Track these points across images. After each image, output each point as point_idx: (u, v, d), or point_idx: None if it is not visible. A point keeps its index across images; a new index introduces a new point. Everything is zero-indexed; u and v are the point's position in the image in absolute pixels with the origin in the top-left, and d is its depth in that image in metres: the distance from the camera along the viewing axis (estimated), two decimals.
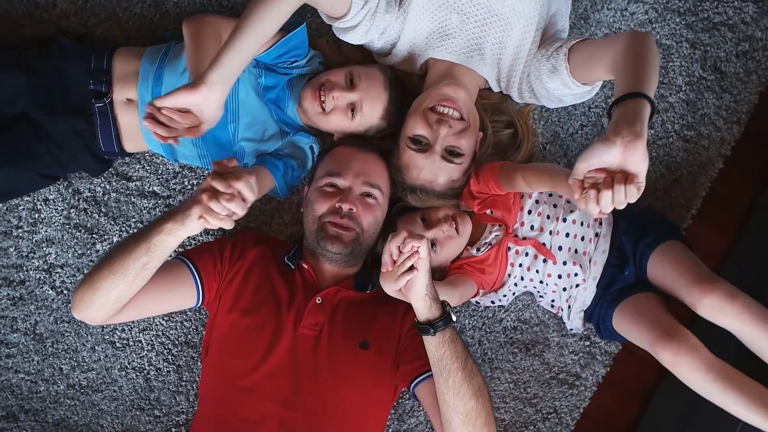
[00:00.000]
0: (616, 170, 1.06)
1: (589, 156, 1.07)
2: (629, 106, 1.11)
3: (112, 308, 1.33)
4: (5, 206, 1.68)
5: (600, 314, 1.62)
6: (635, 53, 1.24)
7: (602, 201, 1.06)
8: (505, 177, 1.54)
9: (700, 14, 1.75)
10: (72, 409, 1.72)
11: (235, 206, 1.15)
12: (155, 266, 1.29)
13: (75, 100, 1.54)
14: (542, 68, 1.50)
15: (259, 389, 1.44)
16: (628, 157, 1.05)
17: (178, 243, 1.26)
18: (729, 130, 1.76)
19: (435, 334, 1.29)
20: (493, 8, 1.50)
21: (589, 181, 1.08)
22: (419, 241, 1.21)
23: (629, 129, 1.05)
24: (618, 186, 1.05)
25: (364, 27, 1.52)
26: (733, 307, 1.42)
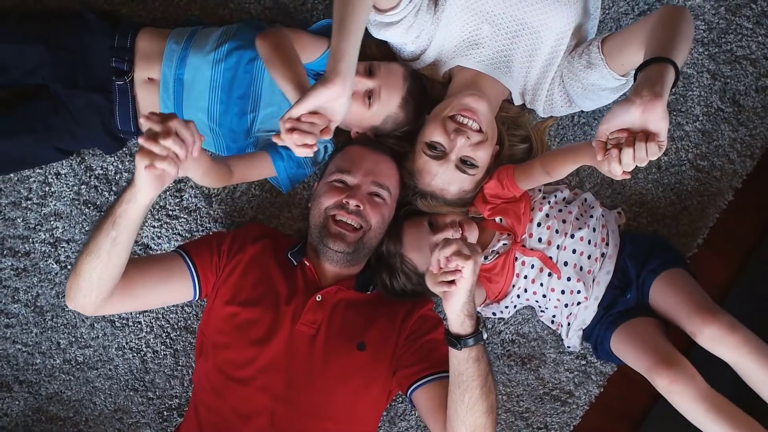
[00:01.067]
0: (638, 130, 1.09)
1: (611, 117, 1.10)
2: (652, 70, 1.13)
3: (97, 293, 1.31)
4: (17, 176, 1.68)
5: (599, 334, 1.63)
6: (667, 22, 1.25)
7: (624, 158, 1.09)
8: (522, 172, 1.55)
9: (723, 46, 1.76)
10: (66, 384, 1.72)
11: (173, 144, 1.08)
12: (125, 240, 1.24)
13: (96, 76, 1.55)
14: (577, 66, 1.50)
15: (253, 382, 1.45)
16: (648, 116, 1.08)
17: (141, 211, 1.19)
18: (742, 164, 1.77)
19: (461, 350, 1.26)
20: (525, 22, 1.51)
21: (611, 141, 1.12)
22: (465, 261, 1.17)
23: (649, 90, 1.08)
24: (639, 144, 1.08)
25: (405, 24, 1.52)
26: (733, 340, 1.43)
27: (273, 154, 1.60)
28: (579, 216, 1.63)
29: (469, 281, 1.19)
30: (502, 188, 1.58)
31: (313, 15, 1.72)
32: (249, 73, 1.56)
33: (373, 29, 1.58)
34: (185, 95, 1.56)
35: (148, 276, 1.41)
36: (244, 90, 1.56)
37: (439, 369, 1.46)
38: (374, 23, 1.55)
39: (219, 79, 1.55)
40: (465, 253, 1.18)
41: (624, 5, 1.75)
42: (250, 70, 1.56)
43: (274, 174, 1.61)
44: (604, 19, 1.74)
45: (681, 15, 1.27)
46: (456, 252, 1.18)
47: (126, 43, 1.55)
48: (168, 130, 1.08)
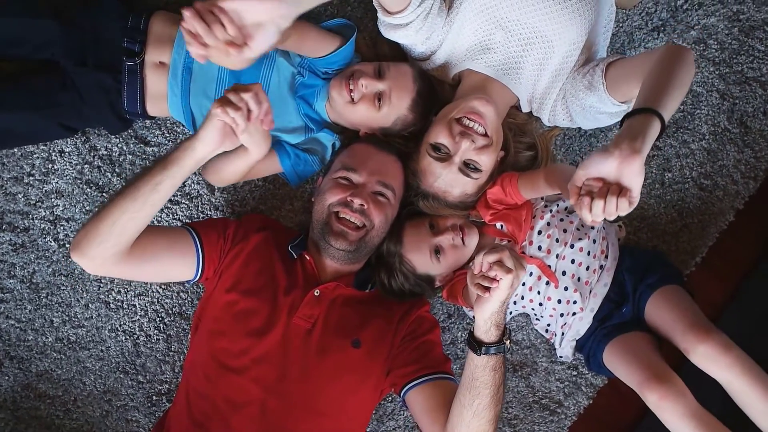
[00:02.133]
0: (613, 182, 1.09)
1: (588, 164, 1.10)
2: (637, 121, 1.12)
3: (114, 243, 1.31)
4: (20, 152, 1.68)
5: (592, 346, 1.63)
6: (665, 66, 1.24)
7: (594, 209, 1.09)
8: (526, 182, 1.55)
9: (734, 66, 1.76)
10: (57, 362, 1.72)
11: (250, 99, 1.24)
12: (166, 190, 1.29)
13: (106, 55, 1.54)
14: (578, 85, 1.51)
15: (247, 372, 1.45)
16: (624, 171, 1.07)
17: (194, 162, 1.28)
18: (745, 185, 1.78)
19: (480, 356, 1.26)
20: (539, 30, 1.51)
21: (586, 188, 1.11)
22: (506, 273, 1.16)
23: (629, 144, 1.07)
24: (611, 198, 1.07)
25: (415, 26, 1.52)
26: (727, 359, 1.44)
27: (279, 151, 1.60)
28: (580, 226, 1.63)
29: (504, 293, 1.19)
30: (504, 195, 1.58)
31: (326, 10, 1.72)
32: (258, 67, 1.55)
33: (383, 30, 1.58)
34: (193, 84, 1.56)
35: (156, 244, 1.41)
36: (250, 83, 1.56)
37: (434, 370, 1.46)
38: (384, 24, 1.55)
39: (227, 71, 1.55)
40: (507, 266, 1.17)
41: (638, 19, 1.75)
42: (258, 65, 1.55)
43: (280, 170, 1.61)
44: (617, 32, 1.75)
45: (682, 58, 1.25)
46: (498, 261, 1.18)
47: (139, 24, 1.55)
48: (250, 89, 1.24)
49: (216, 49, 1.12)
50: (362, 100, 1.54)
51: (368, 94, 1.54)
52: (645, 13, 1.75)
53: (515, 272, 1.17)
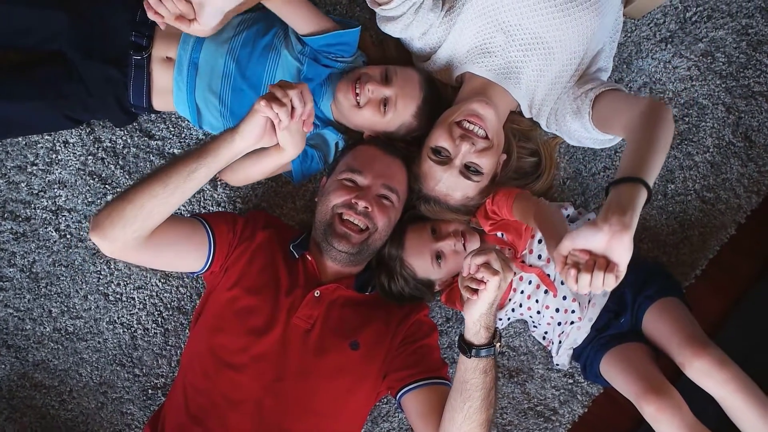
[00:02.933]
0: (600, 255, 1.08)
1: (576, 237, 1.09)
2: (625, 191, 1.11)
3: (138, 227, 1.30)
4: (24, 141, 1.68)
5: (589, 356, 1.63)
6: (648, 129, 1.23)
7: (580, 282, 1.09)
8: (519, 207, 1.54)
9: (741, 80, 1.76)
10: (54, 352, 1.72)
11: (295, 96, 1.26)
12: (199, 179, 1.30)
13: (114, 48, 1.54)
14: (567, 107, 1.52)
15: (245, 370, 1.45)
16: (612, 246, 1.06)
17: (231, 155, 1.30)
18: (747, 199, 1.78)
19: (470, 358, 1.27)
20: (540, 36, 1.50)
21: (572, 258, 1.10)
22: (492, 275, 1.18)
23: (619, 219, 1.06)
24: (598, 273, 1.07)
25: (405, 20, 1.52)
26: (722, 375, 1.44)
27: None
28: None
29: (491, 294, 1.20)
30: (501, 211, 1.58)
31: (335, 10, 1.72)
32: (262, 64, 1.55)
33: (379, 21, 1.59)
34: (198, 79, 1.56)
35: (175, 233, 1.41)
36: (256, 79, 1.56)
37: (431, 375, 1.47)
38: (377, 16, 1.57)
39: (232, 66, 1.55)
40: (494, 268, 1.18)
41: (646, 30, 1.75)
42: (263, 62, 1.55)
43: (288, 168, 1.61)
44: (624, 42, 1.75)
45: (664, 119, 1.25)
46: (485, 264, 1.19)
47: (147, 18, 1.55)
48: (296, 87, 1.27)
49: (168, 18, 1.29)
50: (368, 105, 1.54)
51: (374, 99, 1.54)
52: (653, 24, 1.75)
53: (502, 274, 1.19)
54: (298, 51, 1.59)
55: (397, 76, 1.55)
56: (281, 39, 1.59)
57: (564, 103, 1.54)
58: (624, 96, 1.44)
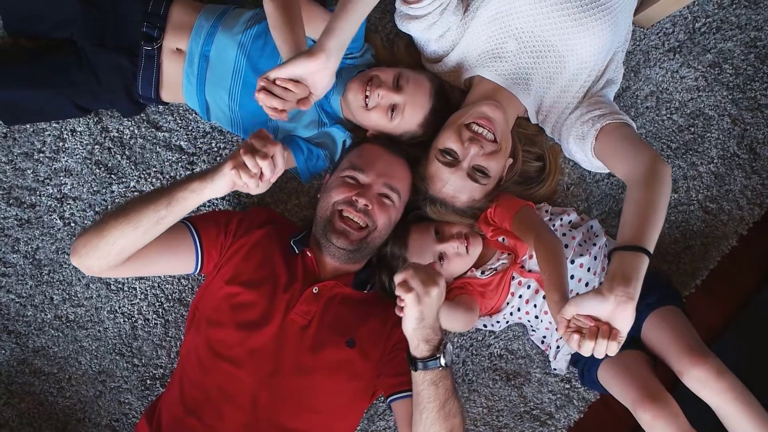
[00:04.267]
0: (603, 321, 1.13)
1: (581, 303, 1.14)
2: (628, 261, 1.16)
3: (112, 260, 1.35)
4: (32, 128, 1.69)
5: (587, 362, 1.64)
6: (650, 194, 1.27)
7: (583, 347, 1.14)
8: (519, 225, 1.55)
9: (747, 93, 1.77)
10: (54, 339, 1.73)
11: (266, 166, 1.21)
12: (169, 223, 1.32)
13: (125, 38, 1.55)
14: (573, 130, 1.54)
15: (241, 363, 1.45)
16: (616, 315, 1.12)
17: (199, 202, 1.30)
18: (750, 211, 1.78)
19: (417, 371, 1.31)
20: (552, 44, 1.51)
21: (575, 323, 1.15)
22: (406, 293, 1.21)
23: (624, 289, 1.12)
24: (602, 341, 1.12)
25: (430, 20, 1.53)
26: (720, 385, 1.44)
27: (293, 147, 1.61)
28: (582, 242, 1.64)
29: (413, 311, 1.23)
30: (501, 223, 1.59)
31: None
32: (274, 59, 1.55)
33: (398, 20, 1.59)
34: (209, 72, 1.56)
35: (154, 248, 1.40)
36: None
37: None
38: (399, 14, 1.57)
39: (243, 61, 1.55)
40: (409, 286, 1.21)
41: (655, 39, 1.76)
42: (275, 57, 1.55)
43: (292, 165, 1.62)
44: (633, 50, 1.75)
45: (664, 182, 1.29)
46: (401, 283, 1.22)
47: (160, 9, 1.56)
48: (267, 153, 1.21)
49: (291, 107, 1.24)
50: (376, 108, 1.55)
51: (383, 104, 1.54)
52: (662, 33, 1.76)
53: (423, 289, 1.21)
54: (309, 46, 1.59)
55: (408, 83, 1.55)
56: None
57: (569, 126, 1.55)
58: (630, 138, 1.45)
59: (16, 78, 1.53)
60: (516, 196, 1.64)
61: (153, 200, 1.30)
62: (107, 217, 1.33)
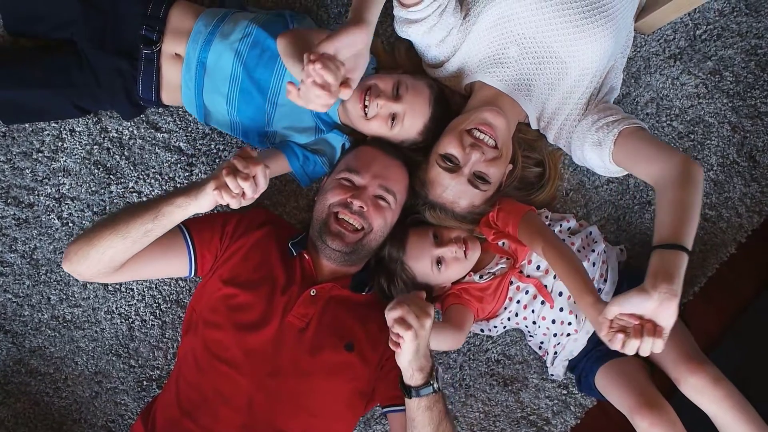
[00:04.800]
0: (646, 319, 1.15)
1: (625, 302, 1.15)
2: (670, 259, 1.18)
3: (103, 267, 1.38)
4: (31, 127, 1.68)
5: (584, 368, 1.63)
6: (685, 193, 1.28)
7: (628, 347, 1.16)
8: (526, 230, 1.55)
9: (748, 100, 1.77)
10: (51, 340, 1.72)
11: (247, 186, 1.23)
12: (156, 235, 1.35)
13: (124, 41, 1.54)
14: (588, 137, 1.53)
15: (238, 365, 1.45)
16: (661, 312, 1.14)
17: (185, 217, 1.33)
18: (749, 219, 1.78)
19: (412, 398, 1.33)
20: (554, 50, 1.51)
21: (618, 323, 1.17)
22: (406, 330, 1.23)
23: (668, 286, 1.14)
24: (647, 339, 1.14)
25: (429, 22, 1.53)
26: (716, 393, 1.44)
27: (288, 152, 1.61)
28: (581, 248, 1.63)
29: (411, 346, 1.26)
30: (504, 227, 1.59)
31: (346, 12, 1.72)
32: (270, 67, 1.55)
33: (398, 27, 1.58)
34: (206, 79, 1.56)
35: (145, 251, 1.40)
36: (263, 83, 1.56)
37: None
38: (399, 20, 1.56)
39: (240, 68, 1.54)
40: (408, 322, 1.23)
41: (656, 46, 1.76)
42: (271, 65, 1.54)
43: (288, 170, 1.62)
44: (633, 57, 1.75)
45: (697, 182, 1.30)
46: (398, 320, 1.24)
47: (159, 13, 1.55)
48: (249, 174, 1.22)
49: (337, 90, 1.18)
50: (375, 118, 1.54)
51: (383, 114, 1.54)
52: (663, 40, 1.76)
53: (419, 323, 1.23)
54: None
55: (407, 91, 1.54)
56: None
57: (583, 132, 1.55)
58: (650, 140, 1.45)
59: (16, 78, 1.53)
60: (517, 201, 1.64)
61: (140, 213, 1.32)
62: (97, 226, 1.36)
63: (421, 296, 1.31)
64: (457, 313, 1.59)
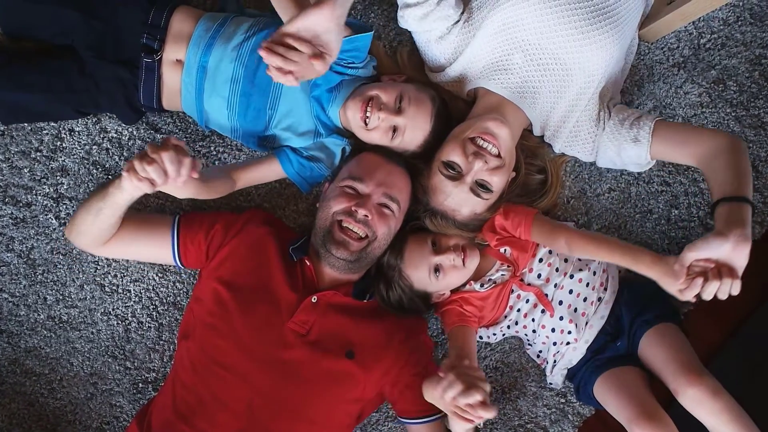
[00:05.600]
0: (721, 263, 1.21)
1: (703, 247, 1.21)
2: (737, 209, 1.26)
3: (89, 239, 1.52)
4: (30, 126, 1.67)
5: (583, 377, 1.63)
6: (738, 157, 1.37)
7: (708, 289, 1.21)
8: (541, 229, 1.55)
9: (751, 110, 1.76)
10: (47, 340, 1.71)
11: (152, 170, 1.24)
12: (109, 216, 1.44)
13: (125, 49, 1.53)
14: (623, 136, 1.53)
15: (237, 370, 1.44)
16: (735, 255, 1.21)
17: (127, 199, 1.39)
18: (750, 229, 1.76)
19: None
20: (559, 58, 1.50)
21: (696, 269, 1.23)
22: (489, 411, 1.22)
23: (741, 231, 1.21)
24: (727, 280, 1.20)
25: (426, 8, 1.53)
26: (715, 405, 1.43)
27: (282, 158, 1.60)
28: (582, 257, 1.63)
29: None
30: (514, 230, 1.58)
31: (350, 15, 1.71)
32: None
33: (400, 18, 1.59)
34: (206, 83, 1.55)
35: (134, 232, 1.55)
36: (264, 86, 1.55)
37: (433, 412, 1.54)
38: (399, 4, 1.56)
39: (241, 72, 1.53)
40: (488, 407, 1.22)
41: (660, 54, 1.75)
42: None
43: (283, 176, 1.61)
44: (637, 64, 1.74)
45: (744, 150, 1.38)
46: (481, 404, 1.21)
47: (160, 21, 1.53)
48: (153, 159, 1.23)
49: (301, 70, 1.19)
50: (376, 129, 1.53)
51: (383, 127, 1.53)
52: (667, 48, 1.75)
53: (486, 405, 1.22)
54: None
55: (410, 104, 1.52)
56: None
57: (615, 132, 1.55)
58: (685, 126, 1.59)
59: (18, 80, 1.51)
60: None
61: (97, 192, 1.46)
62: (83, 202, 1.52)
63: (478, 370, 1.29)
64: (464, 340, 1.54)
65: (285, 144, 1.62)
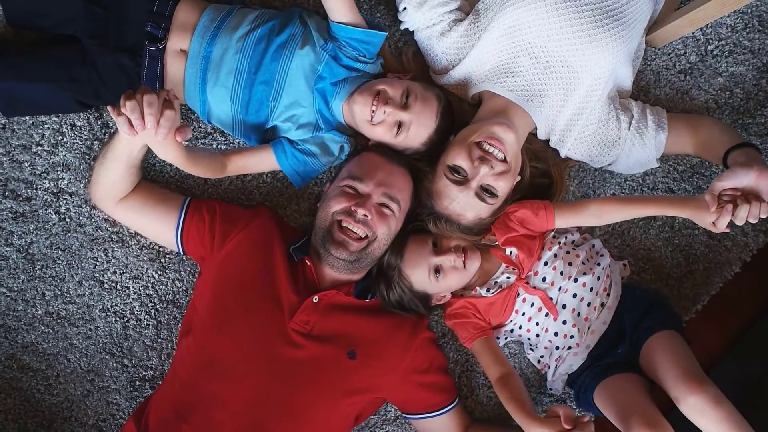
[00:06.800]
0: (747, 190, 1.30)
1: (731, 176, 1.31)
2: (750, 150, 1.41)
3: (102, 191, 1.56)
4: (31, 120, 1.66)
5: (583, 383, 1.62)
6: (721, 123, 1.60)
7: (740, 213, 1.28)
8: (563, 209, 1.57)
9: (757, 118, 1.75)
10: (44, 336, 1.70)
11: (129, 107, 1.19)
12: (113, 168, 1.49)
13: (128, 38, 1.52)
14: (650, 124, 1.60)
15: (237, 369, 1.43)
16: (761, 180, 1.29)
17: (123, 148, 1.42)
18: (755, 238, 1.76)
19: None
20: (566, 60, 1.49)
21: (726, 197, 1.31)
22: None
23: (760, 163, 1.33)
24: (756, 203, 1.27)
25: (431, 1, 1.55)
26: (716, 413, 1.42)
27: (277, 148, 1.59)
28: (585, 261, 1.62)
29: None
30: (535, 217, 1.56)
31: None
32: (276, 60, 1.53)
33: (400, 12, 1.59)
34: (210, 74, 1.54)
35: (146, 200, 1.58)
36: (268, 77, 1.54)
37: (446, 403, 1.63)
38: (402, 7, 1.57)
39: (245, 63, 1.53)
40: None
41: (666, 60, 1.74)
42: (277, 58, 1.53)
43: (275, 167, 1.60)
44: (643, 70, 1.73)
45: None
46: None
47: (165, 9, 1.53)
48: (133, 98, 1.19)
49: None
50: (381, 124, 1.52)
51: (389, 121, 1.52)
52: (674, 54, 1.74)
53: None
54: (320, 46, 1.55)
55: (416, 101, 1.52)
56: (297, 39, 1.56)
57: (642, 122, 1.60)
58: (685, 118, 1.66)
59: (19, 71, 1.50)
60: None
61: (103, 148, 1.53)
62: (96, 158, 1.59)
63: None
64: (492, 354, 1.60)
65: (283, 135, 1.62)
